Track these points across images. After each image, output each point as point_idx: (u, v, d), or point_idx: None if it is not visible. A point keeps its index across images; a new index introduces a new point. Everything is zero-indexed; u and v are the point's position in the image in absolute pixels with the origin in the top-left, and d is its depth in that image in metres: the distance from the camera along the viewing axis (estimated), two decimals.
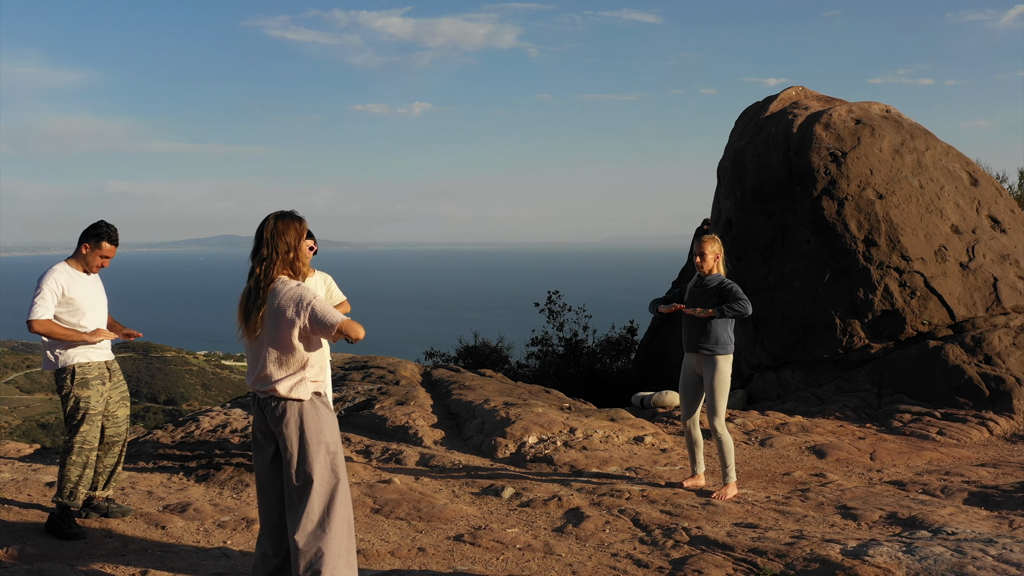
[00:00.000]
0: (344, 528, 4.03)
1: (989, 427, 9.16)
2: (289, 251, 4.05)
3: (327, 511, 4.00)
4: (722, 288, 6.48)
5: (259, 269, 4.03)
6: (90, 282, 5.58)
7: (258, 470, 4.19)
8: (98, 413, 5.52)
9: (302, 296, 3.95)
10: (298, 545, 3.95)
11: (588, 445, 7.92)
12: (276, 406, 4.02)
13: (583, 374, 16.27)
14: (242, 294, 4.11)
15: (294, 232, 4.07)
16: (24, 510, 5.91)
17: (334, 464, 4.06)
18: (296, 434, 4.00)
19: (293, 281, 4.04)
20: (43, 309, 5.32)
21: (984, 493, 6.40)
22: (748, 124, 14.18)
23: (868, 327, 11.16)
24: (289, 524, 4.03)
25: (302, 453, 4.00)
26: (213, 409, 10.44)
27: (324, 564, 3.93)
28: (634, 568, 4.92)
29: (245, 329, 4.07)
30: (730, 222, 13.22)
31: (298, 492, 4.01)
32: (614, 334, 17.49)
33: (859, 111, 13.02)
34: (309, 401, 4.04)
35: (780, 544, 5.10)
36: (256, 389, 4.08)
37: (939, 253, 11.54)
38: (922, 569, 4.53)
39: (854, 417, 9.97)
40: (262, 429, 4.13)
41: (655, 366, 15.90)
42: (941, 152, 12.87)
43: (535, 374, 17.04)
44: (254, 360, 4.08)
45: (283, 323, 3.94)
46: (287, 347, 3.97)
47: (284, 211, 4.11)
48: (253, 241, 4.11)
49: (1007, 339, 10.49)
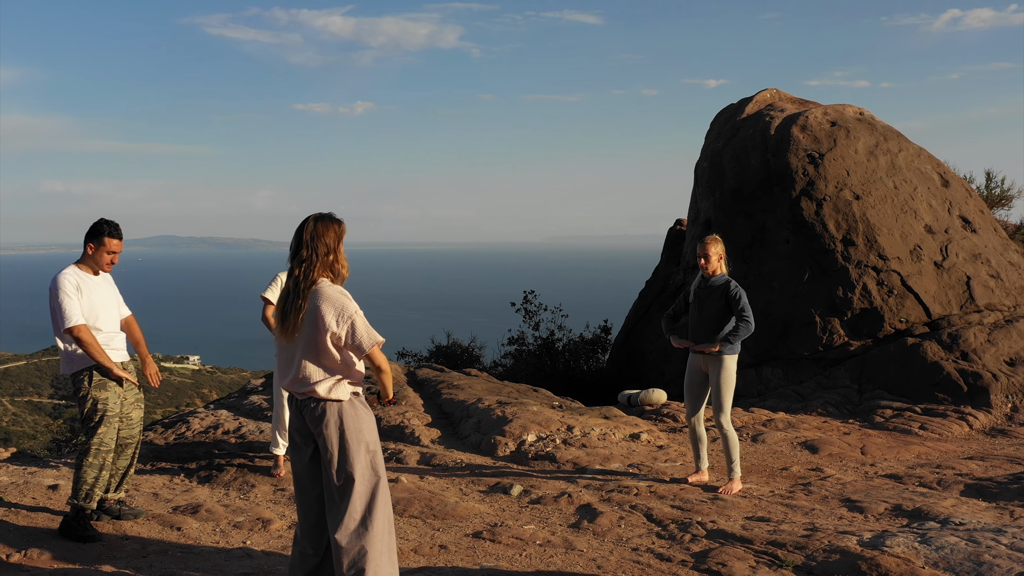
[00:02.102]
0: (385, 526, 4.06)
1: (969, 422, 9.41)
2: (328, 253, 4.07)
3: (368, 509, 4.02)
4: (728, 293, 6.57)
5: (298, 271, 4.04)
6: (100, 283, 5.55)
7: (296, 470, 4.20)
8: (115, 415, 5.48)
9: (345, 306, 3.97)
10: (340, 544, 3.97)
11: (587, 443, 8.00)
12: (315, 407, 4.04)
13: (559, 373, 16.36)
14: (280, 295, 4.12)
15: (333, 234, 4.09)
16: (33, 513, 5.84)
17: (374, 462, 4.09)
18: (336, 434, 4.02)
19: (337, 287, 4.05)
20: (74, 314, 5.29)
21: (979, 485, 6.60)
22: (724, 126, 14.38)
23: (847, 325, 11.40)
24: (330, 523, 4.05)
25: (343, 453, 4.02)
26: (198, 411, 10.36)
27: (367, 562, 3.96)
28: (657, 562, 5.01)
29: (281, 330, 4.08)
30: (709, 222, 13.41)
31: (339, 491, 4.03)
32: (588, 333, 17.61)
33: (834, 113, 13.28)
34: (348, 401, 4.07)
35: (797, 536, 5.22)
36: (293, 390, 4.09)
37: (914, 252, 11.82)
38: (940, 558, 4.68)
39: (836, 413, 10.18)
40: (300, 430, 4.14)
41: (630, 365, 16.04)
42: (913, 154, 13.18)
43: (508, 373, 17.10)
44: (289, 361, 4.09)
45: (321, 327, 3.95)
46: (325, 349, 3.99)
47: (323, 213, 4.13)
48: (291, 243, 4.13)
49: (982, 336, 10.79)
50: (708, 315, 6.61)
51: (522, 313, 17.25)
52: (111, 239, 5.55)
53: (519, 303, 17.27)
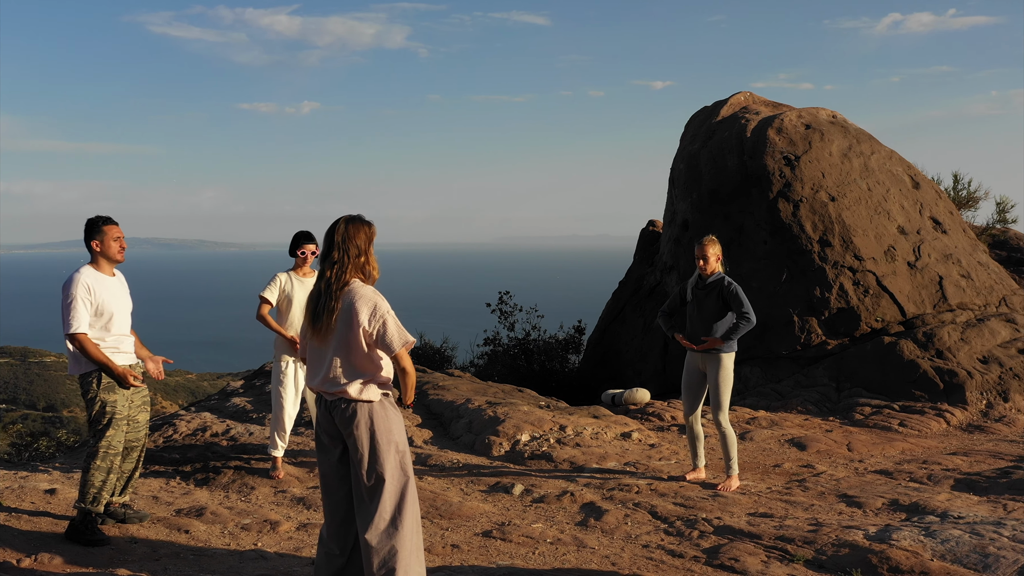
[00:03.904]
0: (414, 526, 4.09)
1: (946, 418, 9.65)
2: (360, 255, 4.09)
3: (398, 509, 4.05)
4: (724, 290, 6.71)
5: (330, 272, 4.06)
6: (115, 285, 5.49)
7: (324, 471, 4.21)
8: (124, 418, 5.43)
9: (378, 304, 4.00)
10: (371, 544, 3.99)
11: (581, 442, 8.08)
12: (346, 408, 4.06)
13: (535, 373, 16.44)
14: (309, 297, 4.14)
15: (364, 236, 4.12)
16: (34, 518, 5.77)
17: (403, 463, 4.12)
18: (367, 435, 4.04)
19: (369, 287, 4.08)
20: (79, 320, 5.23)
21: (969, 480, 6.79)
22: (700, 128, 14.56)
23: (825, 324, 11.62)
24: (360, 523, 4.06)
25: (373, 453, 4.04)
26: (181, 413, 10.27)
27: (398, 561, 3.98)
28: (670, 558, 5.09)
29: (312, 331, 4.09)
30: (687, 223, 13.57)
31: (369, 492, 4.05)
32: (562, 333, 17.71)
33: (808, 116, 13.52)
34: (379, 402, 4.09)
35: (804, 531, 5.34)
36: (323, 390, 4.10)
37: (888, 253, 12.08)
38: (947, 551, 4.82)
39: (816, 411, 10.38)
40: (328, 431, 4.15)
41: (605, 364, 16.17)
42: (885, 156, 13.46)
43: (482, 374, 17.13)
44: (320, 362, 4.10)
45: (355, 326, 3.98)
46: (358, 350, 4.01)
47: (354, 215, 4.15)
48: (322, 244, 4.14)
49: (955, 334, 11.06)
50: (707, 314, 6.73)
51: (497, 314, 17.30)
52: (109, 226, 5.48)
53: (494, 304, 17.32)
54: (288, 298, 6.99)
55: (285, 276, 7.07)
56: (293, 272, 7.12)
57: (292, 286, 7.02)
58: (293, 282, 7.04)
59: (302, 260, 7.11)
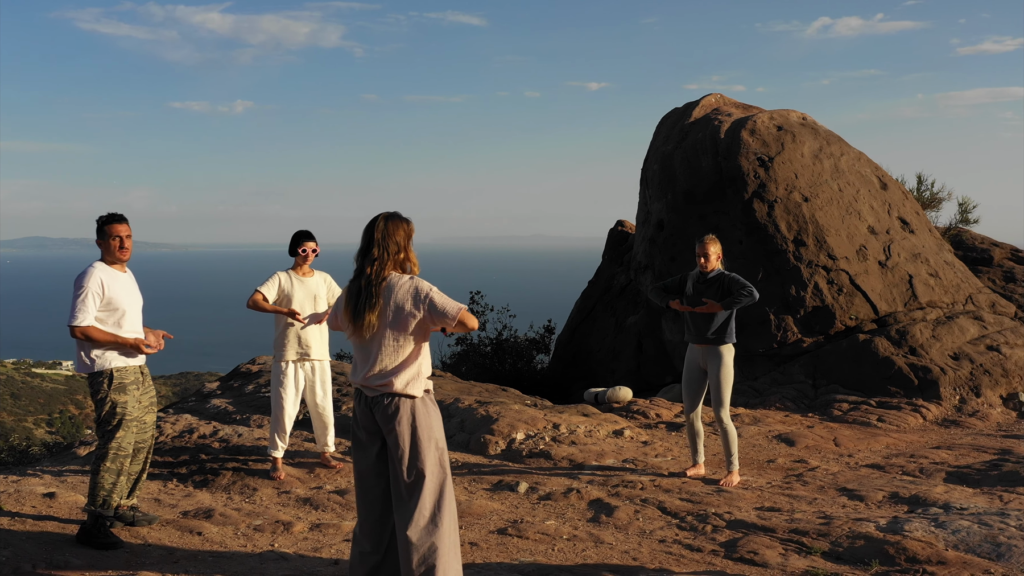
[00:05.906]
0: (453, 523, 4.10)
1: (922, 413, 9.90)
2: (399, 251, 4.11)
3: (438, 506, 4.06)
4: (724, 280, 6.83)
5: (370, 269, 4.06)
6: (127, 281, 5.42)
7: (360, 468, 4.21)
8: (134, 419, 5.36)
9: (418, 287, 4.04)
10: (411, 540, 3.99)
11: (576, 440, 8.14)
12: (388, 403, 4.06)
13: (507, 372, 16.48)
14: (348, 294, 4.13)
15: (403, 232, 4.13)
16: (39, 522, 5.66)
17: (442, 460, 4.13)
18: (408, 431, 4.05)
19: (406, 276, 4.10)
20: (84, 314, 5.15)
21: (960, 473, 6.99)
22: (673, 129, 14.72)
23: (800, 322, 11.83)
24: (398, 520, 4.07)
25: (414, 450, 4.05)
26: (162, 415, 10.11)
27: (438, 558, 3.99)
28: (689, 552, 5.17)
29: (353, 328, 4.09)
30: (662, 223, 13.72)
31: (408, 488, 4.06)
32: (533, 333, 17.78)
33: (779, 118, 13.74)
34: (420, 398, 4.11)
35: (816, 524, 5.45)
36: (367, 385, 4.10)
37: (860, 252, 12.34)
38: (959, 541, 4.96)
39: (794, 408, 10.57)
40: (367, 427, 4.15)
41: (576, 364, 16.26)
42: (854, 157, 13.74)
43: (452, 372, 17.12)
44: (365, 357, 4.10)
45: (403, 317, 4.00)
46: (405, 343, 4.04)
47: (392, 212, 4.18)
48: (361, 241, 4.14)
49: (927, 332, 11.34)
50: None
51: None
52: (112, 224, 5.42)
53: (466, 303, 17.34)
54: (288, 297, 6.94)
55: (285, 275, 7.02)
56: (292, 271, 7.07)
57: (292, 285, 6.98)
58: (293, 281, 7.00)
59: (302, 259, 7.06)
